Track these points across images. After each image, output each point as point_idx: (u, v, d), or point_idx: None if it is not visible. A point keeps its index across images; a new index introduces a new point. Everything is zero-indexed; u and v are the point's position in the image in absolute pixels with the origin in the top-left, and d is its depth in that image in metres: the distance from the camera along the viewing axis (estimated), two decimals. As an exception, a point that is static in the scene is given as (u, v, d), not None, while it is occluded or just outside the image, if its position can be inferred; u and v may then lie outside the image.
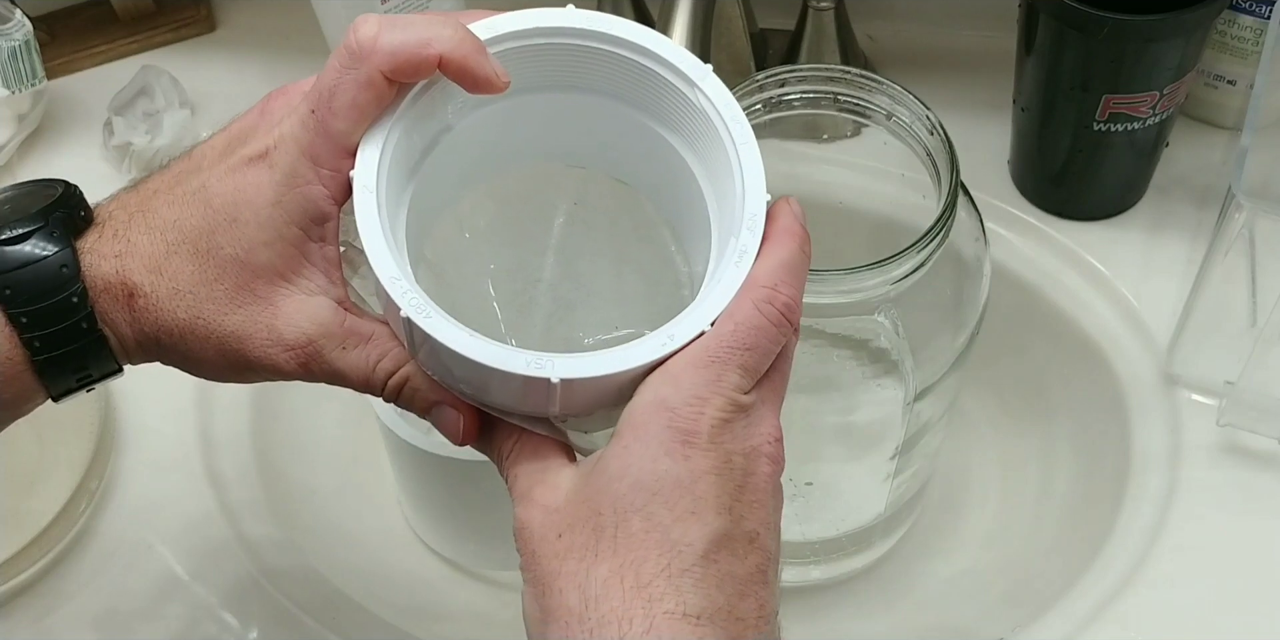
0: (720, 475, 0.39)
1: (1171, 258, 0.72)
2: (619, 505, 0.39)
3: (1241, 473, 0.65)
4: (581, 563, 0.39)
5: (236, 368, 0.44)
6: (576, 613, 0.39)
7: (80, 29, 0.86)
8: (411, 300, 0.40)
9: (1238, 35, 0.72)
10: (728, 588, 0.39)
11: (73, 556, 0.64)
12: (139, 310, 0.44)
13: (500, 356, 0.40)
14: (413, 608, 0.70)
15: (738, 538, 0.39)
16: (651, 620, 0.37)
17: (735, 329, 0.40)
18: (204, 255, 0.43)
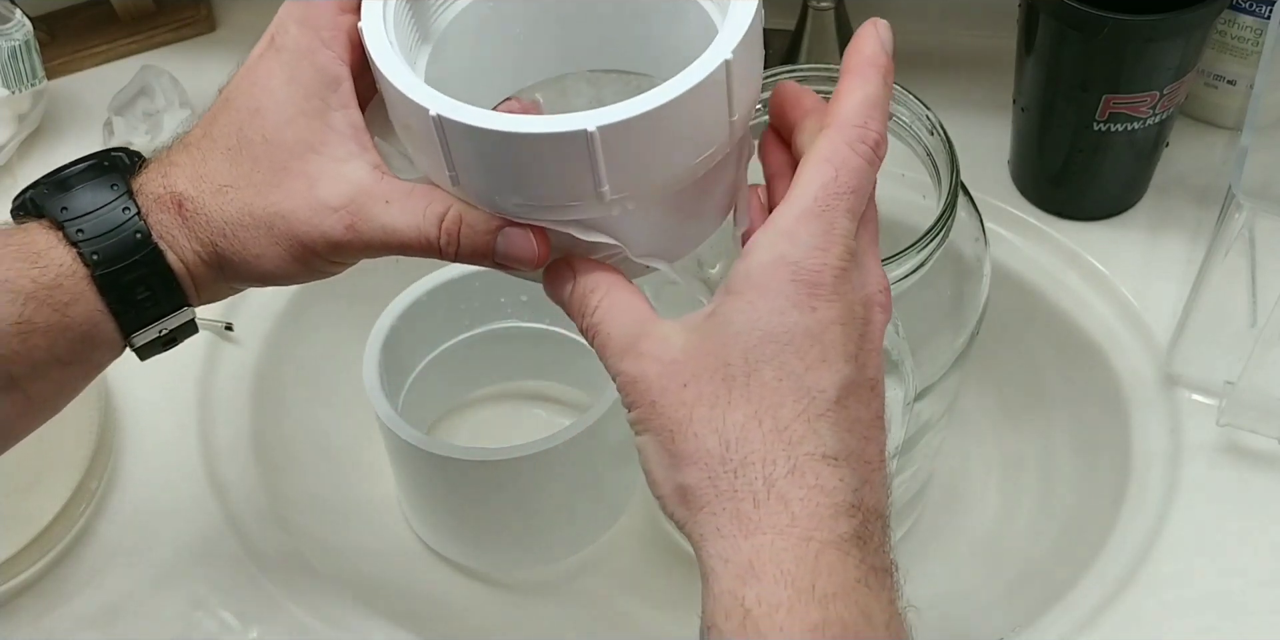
0: (845, 325, 0.40)
1: (1171, 258, 0.72)
2: (750, 356, 0.40)
3: (1241, 473, 0.65)
4: (714, 409, 0.40)
5: (296, 254, 0.44)
6: (716, 454, 0.39)
7: (80, 29, 0.86)
8: (435, 99, 0.40)
9: (1238, 35, 0.72)
10: (857, 431, 0.40)
11: (73, 556, 0.64)
12: (189, 216, 0.44)
13: (533, 123, 0.39)
14: (413, 608, 0.70)
15: (862, 384, 0.41)
16: (794, 461, 0.39)
17: (837, 174, 0.41)
18: (236, 150, 0.44)
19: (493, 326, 0.75)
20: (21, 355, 0.43)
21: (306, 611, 0.63)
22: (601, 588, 0.74)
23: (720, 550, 0.39)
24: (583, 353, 0.75)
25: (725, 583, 0.38)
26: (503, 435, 0.80)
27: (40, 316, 0.43)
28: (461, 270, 0.71)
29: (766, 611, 0.37)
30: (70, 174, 0.45)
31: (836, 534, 0.39)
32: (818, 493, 0.39)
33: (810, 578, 0.38)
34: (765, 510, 0.39)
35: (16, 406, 0.45)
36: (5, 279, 0.43)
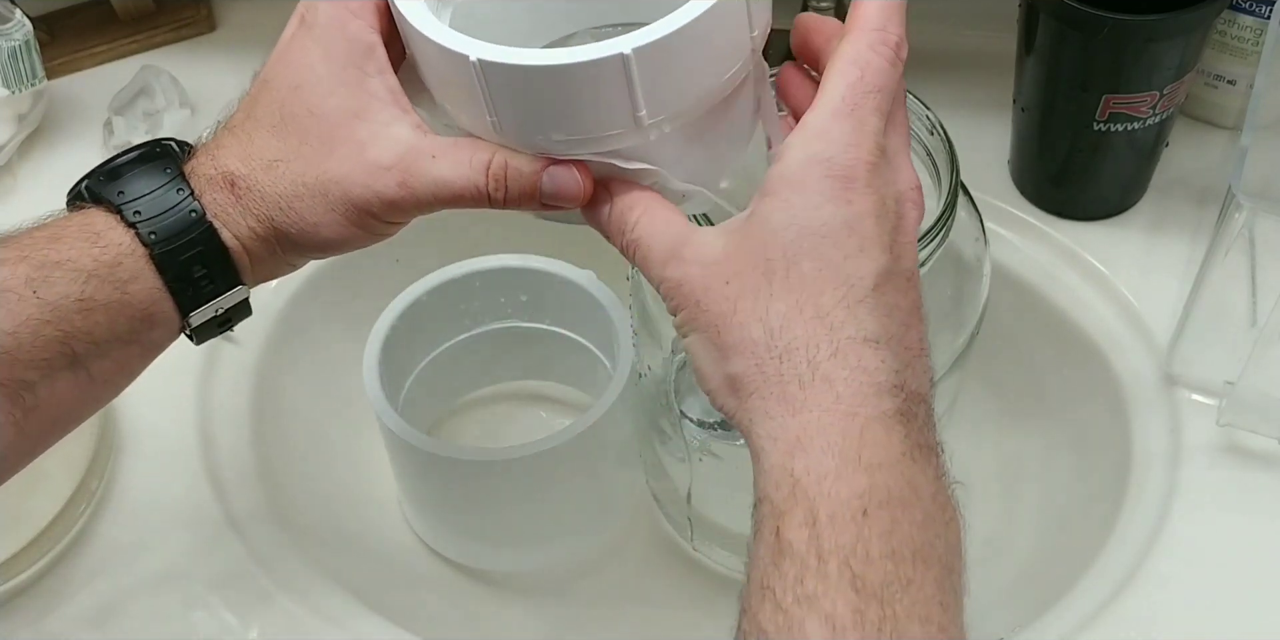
0: (879, 217, 0.42)
1: (1171, 258, 0.72)
2: (789, 250, 0.41)
3: (1241, 473, 0.65)
4: (757, 301, 0.41)
5: (353, 217, 0.46)
6: (762, 342, 0.41)
7: (80, 29, 0.86)
8: (473, 45, 0.41)
9: (1238, 35, 0.72)
10: (896, 318, 0.42)
11: (73, 556, 0.64)
12: (243, 193, 0.46)
13: (571, 53, 0.41)
14: (413, 608, 0.70)
15: (899, 274, 0.42)
16: (836, 345, 0.41)
17: (863, 74, 0.42)
18: (281, 126, 0.46)
19: (493, 326, 0.75)
20: (83, 332, 0.44)
21: (306, 611, 0.63)
22: (601, 588, 0.74)
23: (769, 430, 0.41)
24: (583, 353, 0.75)
25: (774, 458, 0.40)
26: (503, 435, 0.80)
27: (101, 294, 0.44)
28: (461, 270, 0.71)
29: (814, 480, 0.39)
30: (122, 163, 0.47)
31: (880, 410, 0.40)
32: (860, 373, 0.40)
33: (856, 449, 0.39)
34: (811, 391, 0.40)
35: (80, 386, 0.45)
36: (67, 258, 0.44)
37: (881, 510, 0.39)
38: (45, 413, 0.45)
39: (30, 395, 0.44)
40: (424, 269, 0.71)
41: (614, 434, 0.68)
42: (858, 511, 0.39)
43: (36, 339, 0.43)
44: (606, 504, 0.73)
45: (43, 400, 0.44)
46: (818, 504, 0.39)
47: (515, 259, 0.72)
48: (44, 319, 0.43)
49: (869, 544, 0.38)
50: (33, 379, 0.44)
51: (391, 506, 0.75)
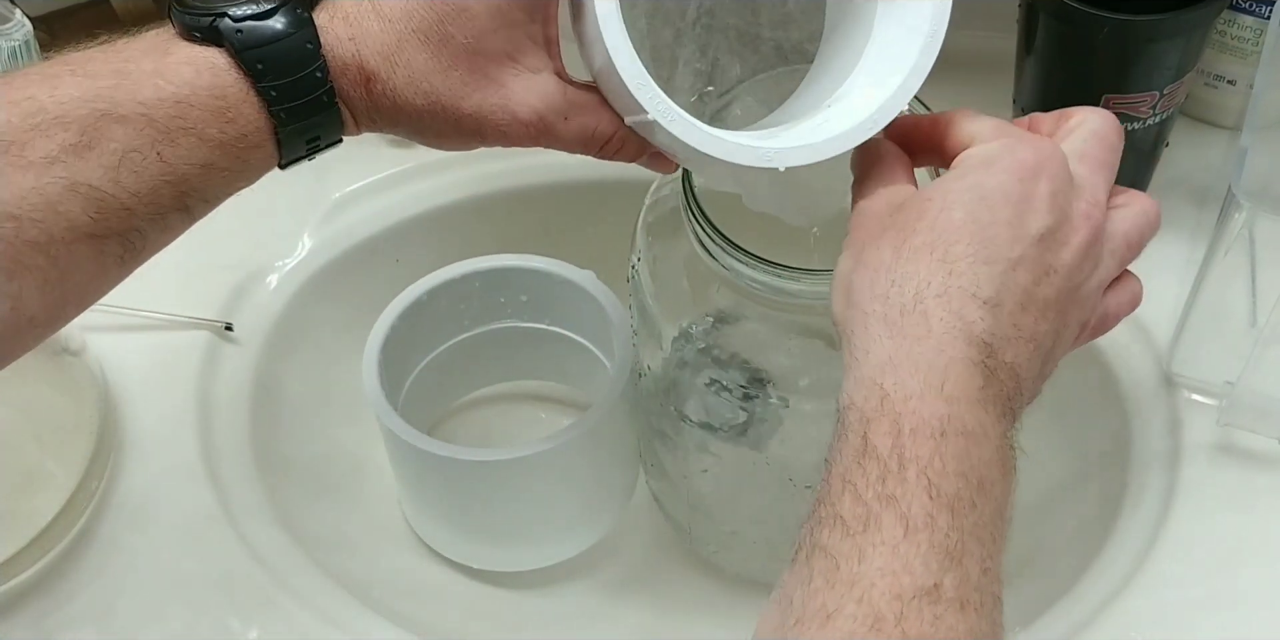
0: (1048, 208, 0.45)
1: (1171, 258, 0.72)
2: (949, 199, 0.45)
3: (1241, 473, 0.65)
4: (901, 233, 0.45)
5: (469, 140, 0.49)
6: (886, 265, 0.44)
7: (80, 29, 0.86)
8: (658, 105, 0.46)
9: (1238, 35, 0.72)
10: (1017, 296, 0.44)
11: (73, 556, 0.64)
12: (376, 94, 0.47)
13: (733, 151, 0.47)
14: (413, 608, 0.70)
15: (1040, 264, 0.45)
16: (947, 288, 0.43)
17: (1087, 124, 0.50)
18: (436, 44, 0.46)
19: (493, 326, 0.75)
20: (199, 190, 0.46)
21: (306, 611, 0.63)
22: (601, 587, 0.74)
23: (864, 343, 0.44)
24: (583, 353, 0.75)
25: (866, 370, 0.43)
26: (503, 435, 0.80)
27: (224, 161, 0.46)
28: (461, 270, 0.71)
29: (901, 396, 0.42)
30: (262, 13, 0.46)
31: (965, 355, 0.43)
32: (956, 319, 0.43)
33: (940, 379, 0.42)
34: (908, 319, 0.43)
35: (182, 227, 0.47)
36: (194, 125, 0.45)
37: (957, 437, 0.42)
38: (148, 251, 0.47)
39: (140, 240, 0.46)
40: (424, 269, 0.71)
41: (614, 434, 0.68)
42: (936, 431, 0.42)
43: (156, 195, 0.45)
44: (606, 504, 0.73)
45: (149, 242, 0.46)
46: (903, 418, 0.42)
47: (515, 259, 0.72)
48: (166, 179, 0.45)
49: (945, 460, 0.41)
50: (145, 228, 0.45)
51: (391, 506, 0.75)
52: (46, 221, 0.43)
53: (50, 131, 0.43)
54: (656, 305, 0.61)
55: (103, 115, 0.43)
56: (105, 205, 0.44)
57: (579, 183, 0.80)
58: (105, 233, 0.44)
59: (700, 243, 0.55)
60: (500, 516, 0.69)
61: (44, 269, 0.43)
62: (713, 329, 0.63)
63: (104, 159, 0.43)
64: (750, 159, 0.47)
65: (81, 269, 0.44)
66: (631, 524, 0.76)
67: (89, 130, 0.43)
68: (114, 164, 0.43)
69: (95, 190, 0.43)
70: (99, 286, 0.46)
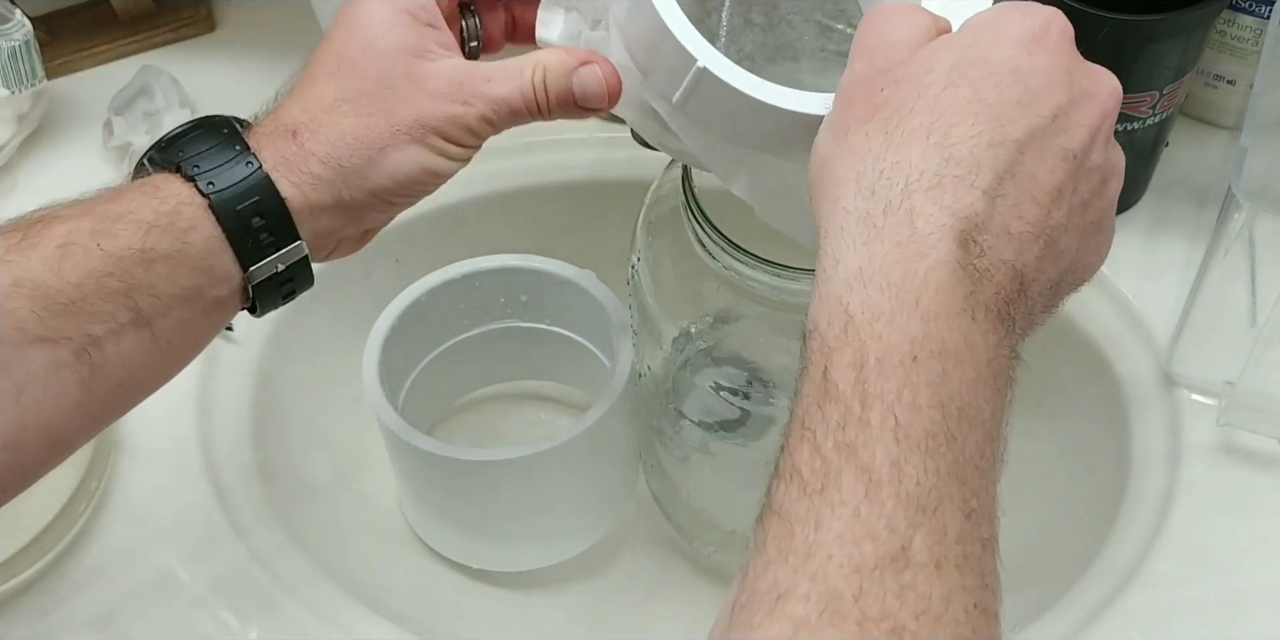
0: (1054, 81, 0.40)
1: (1171, 258, 0.72)
2: (953, 73, 0.40)
3: (1241, 473, 0.65)
4: (894, 115, 0.40)
5: (420, 139, 0.48)
6: (875, 152, 0.40)
7: (80, 29, 0.86)
8: (705, 51, 0.44)
9: (1238, 35, 0.72)
10: (1024, 183, 0.39)
11: (73, 556, 0.64)
12: (305, 138, 0.47)
13: (789, 97, 0.44)
14: (413, 608, 0.70)
15: (1054, 146, 0.40)
16: (941, 178, 0.38)
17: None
18: (338, 70, 0.48)
19: (493, 326, 0.75)
20: (146, 285, 0.45)
21: (306, 611, 0.63)
22: (601, 588, 0.74)
23: (836, 250, 0.39)
24: (583, 353, 0.75)
25: (832, 287, 0.39)
26: (503, 435, 0.80)
27: (162, 244, 0.45)
28: (461, 270, 0.71)
29: (868, 319, 0.37)
30: (180, 131, 0.48)
31: (951, 257, 0.38)
32: (947, 214, 0.38)
33: (915, 292, 0.37)
34: (891, 219, 0.38)
35: (145, 346, 0.46)
36: (129, 210, 0.45)
37: (933, 360, 0.37)
38: (111, 373, 0.45)
39: (97, 352, 0.44)
40: (424, 269, 0.71)
41: (614, 434, 0.68)
42: (907, 357, 0.37)
43: (100, 291, 0.44)
44: (606, 504, 0.73)
45: (109, 358, 0.45)
46: (868, 346, 0.37)
47: (515, 259, 0.72)
48: (107, 271, 0.44)
49: (916, 391, 0.37)
50: (98, 334, 0.44)
51: (391, 506, 0.75)
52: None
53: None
54: (656, 305, 0.61)
55: (43, 218, 0.44)
56: (50, 301, 0.43)
57: (579, 183, 0.80)
58: (54, 335, 0.43)
59: (700, 243, 0.55)
60: (500, 516, 0.69)
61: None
62: (712, 329, 0.63)
63: (44, 251, 0.43)
64: (810, 105, 0.44)
65: (37, 383, 0.43)
66: (631, 524, 0.76)
67: (29, 231, 0.44)
68: (55, 256, 0.43)
69: (38, 284, 0.43)
70: (62, 411, 0.44)
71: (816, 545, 0.35)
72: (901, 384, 0.37)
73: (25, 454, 0.44)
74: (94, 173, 0.79)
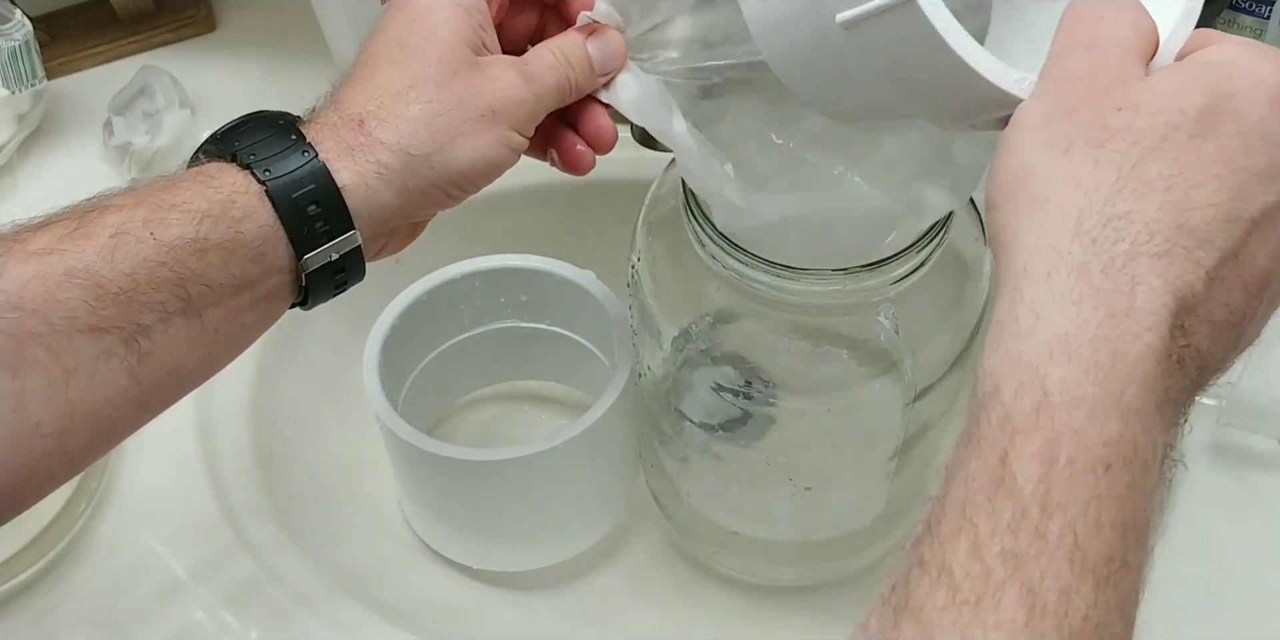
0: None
1: (1171, 258, 0.72)
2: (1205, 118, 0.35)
3: (1241, 473, 0.65)
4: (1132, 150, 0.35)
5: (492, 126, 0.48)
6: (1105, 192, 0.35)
7: (80, 29, 0.86)
8: None
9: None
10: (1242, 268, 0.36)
11: (73, 556, 0.64)
12: (374, 127, 0.46)
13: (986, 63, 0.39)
14: (413, 608, 0.70)
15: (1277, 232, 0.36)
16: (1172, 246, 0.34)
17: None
18: (404, 57, 0.47)
19: (493, 326, 0.75)
20: (198, 274, 0.44)
21: (307, 611, 0.63)
22: (601, 588, 0.74)
23: (1037, 296, 0.34)
24: (583, 353, 0.75)
25: (1027, 347, 0.34)
26: (503, 435, 0.80)
27: (215, 233, 0.44)
28: (461, 270, 0.71)
29: (1067, 404, 0.33)
30: (233, 124, 0.48)
31: (1163, 345, 0.34)
32: (1169, 291, 0.34)
33: (1122, 383, 0.33)
34: (1110, 282, 0.34)
35: (194, 335, 0.45)
36: (183, 200, 0.45)
37: (1124, 469, 0.33)
38: (160, 361, 0.45)
39: (145, 340, 0.44)
40: (424, 269, 0.71)
41: (614, 434, 0.68)
42: (1100, 464, 0.33)
43: (153, 280, 0.44)
44: (606, 504, 0.73)
45: (158, 346, 0.44)
46: (1061, 440, 0.33)
47: (515, 259, 0.72)
48: (160, 261, 0.44)
49: (1102, 508, 0.33)
50: (148, 323, 0.44)
51: (391, 506, 0.75)
52: (46, 310, 0.42)
53: (51, 227, 0.43)
54: (656, 305, 0.61)
55: (97, 207, 0.44)
56: (102, 290, 0.43)
57: (579, 183, 0.80)
58: (105, 324, 0.43)
59: (700, 243, 0.55)
60: (500, 516, 0.69)
61: (46, 364, 0.42)
62: (712, 329, 0.63)
63: (98, 241, 0.43)
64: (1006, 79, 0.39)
65: (85, 371, 0.43)
66: (631, 524, 0.76)
67: (84, 219, 0.44)
68: (108, 245, 0.43)
69: (91, 274, 0.43)
70: (109, 399, 0.44)
71: None
72: (1089, 497, 0.33)
73: (72, 441, 0.44)
74: (94, 173, 0.79)
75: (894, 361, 0.57)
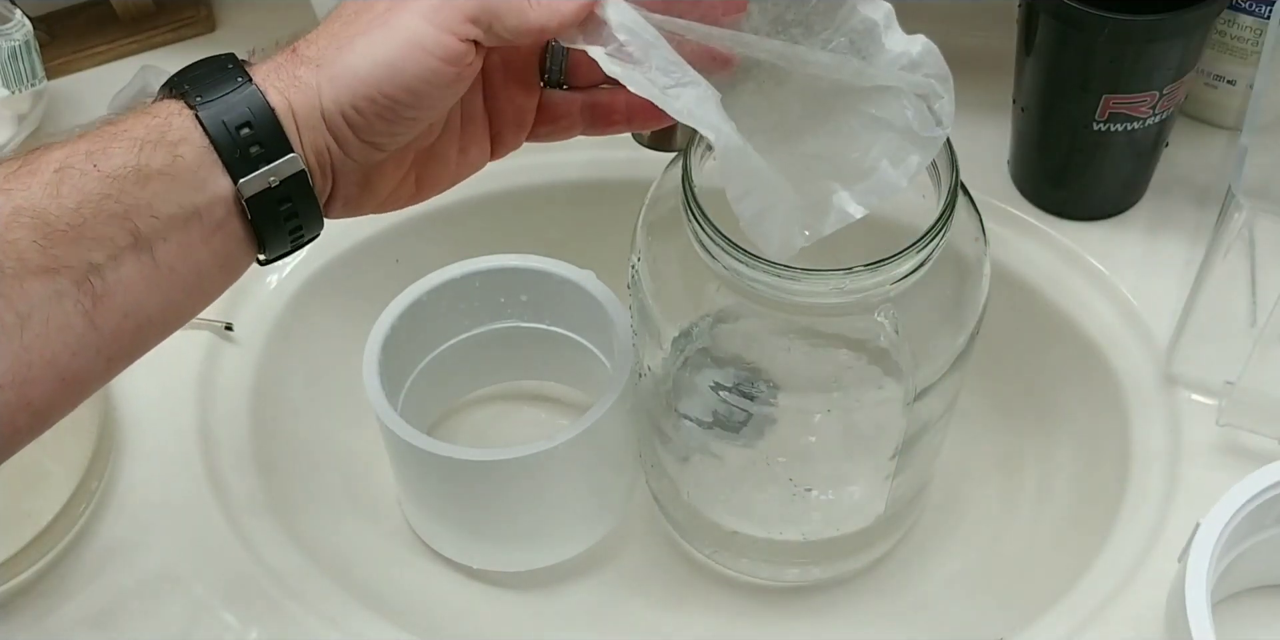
0: None
1: (1171, 258, 0.72)
2: None
3: (1241, 473, 0.65)
4: None
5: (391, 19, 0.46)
6: None
7: (80, 29, 0.86)
8: None
9: (1238, 35, 0.72)
10: None
11: (73, 556, 0.64)
12: (302, 49, 0.47)
13: None
14: (413, 608, 0.70)
15: None
16: None
17: None
18: (352, 14, 0.47)
19: (493, 326, 0.75)
20: (144, 205, 0.44)
21: (306, 611, 0.63)
22: (601, 588, 0.74)
23: None
24: (583, 353, 0.75)
25: None
26: (503, 435, 0.80)
27: (155, 160, 0.45)
28: (461, 270, 0.71)
29: None
30: (183, 68, 0.48)
31: None
32: None
33: None
34: None
35: (146, 273, 0.45)
36: (124, 130, 0.45)
37: None
38: (116, 303, 0.44)
39: (98, 279, 0.44)
40: (424, 269, 0.71)
41: (614, 434, 0.68)
42: None
43: (99, 214, 0.43)
44: (606, 504, 0.73)
45: (111, 287, 0.44)
46: None
47: (515, 259, 0.72)
48: (105, 192, 0.44)
49: None
50: (99, 261, 0.44)
51: (391, 506, 0.75)
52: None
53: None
54: (656, 305, 0.61)
55: (42, 145, 0.44)
56: (50, 228, 0.43)
57: (579, 183, 0.80)
58: (55, 264, 0.43)
59: (700, 243, 0.55)
60: (500, 516, 0.69)
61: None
62: (713, 329, 0.63)
63: (43, 177, 0.43)
64: None
65: (40, 316, 0.42)
66: (631, 524, 0.76)
67: (28, 158, 0.44)
68: (53, 181, 0.43)
69: (38, 212, 0.43)
70: (67, 345, 0.43)
71: None
72: None
73: (34, 390, 0.43)
74: (94, 173, 0.79)
75: (894, 361, 0.57)
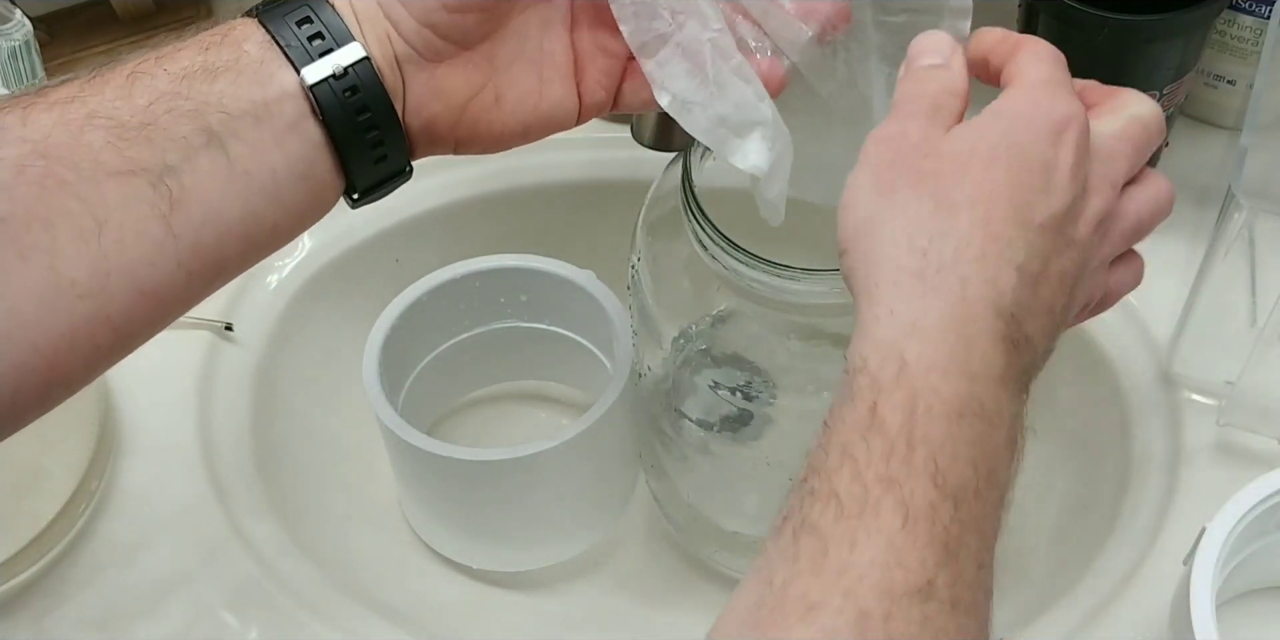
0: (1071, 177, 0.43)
1: (1171, 258, 0.72)
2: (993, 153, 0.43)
3: (1241, 473, 0.65)
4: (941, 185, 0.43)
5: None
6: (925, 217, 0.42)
7: (80, 29, 0.86)
8: None
9: (1238, 35, 0.72)
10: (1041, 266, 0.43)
11: (73, 556, 0.64)
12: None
13: None
14: (413, 608, 0.70)
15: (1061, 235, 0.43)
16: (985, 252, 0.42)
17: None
18: None
19: (493, 326, 0.75)
20: (214, 101, 0.44)
21: (307, 611, 0.63)
22: (601, 587, 0.74)
23: (890, 300, 0.42)
24: (583, 353, 0.75)
25: (887, 331, 0.41)
26: (503, 435, 0.80)
27: (222, 57, 0.45)
28: (461, 270, 0.71)
29: (922, 368, 0.40)
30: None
31: (994, 327, 0.41)
32: (990, 286, 0.42)
33: (966, 354, 0.41)
34: (943, 279, 0.41)
35: (221, 172, 0.44)
36: (192, 41, 0.46)
37: (974, 420, 0.40)
38: (193, 209, 0.44)
39: (174, 181, 0.43)
40: (424, 269, 0.71)
41: (614, 434, 0.68)
42: (953, 412, 0.40)
43: (171, 112, 0.44)
44: (606, 504, 0.73)
45: (188, 189, 0.44)
46: (920, 394, 0.40)
47: (515, 259, 0.72)
48: (174, 91, 0.44)
49: (956, 445, 0.40)
50: (174, 162, 0.43)
51: (391, 506, 0.75)
52: (72, 156, 0.42)
53: (72, 81, 0.44)
54: (656, 305, 0.61)
55: (114, 62, 0.45)
56: (124, 129, 0.43)
57: (579, 183, 0.80)
58: (131, 166, 0.43)
59: (700, 243, 0.55)
60: (500, 516, 0.69)
61: (77, 215, 0.41)
62: (713, 329, 0.63)
63: (116, 83, 0.44)
64: None
65: (116, 220, 0.42)
66: (631, 524, 0.76)
67: (102, 70, 0.45)
68: (125, 84, 0.44)
69: (112, 114, 0.43)
70: (144, 254, 0.43)
71: (850, 565, 0.38)
72: (945, 436, 0.40)
73: (113, 305, 0.43)
74: (94, 173, 0.79)
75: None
